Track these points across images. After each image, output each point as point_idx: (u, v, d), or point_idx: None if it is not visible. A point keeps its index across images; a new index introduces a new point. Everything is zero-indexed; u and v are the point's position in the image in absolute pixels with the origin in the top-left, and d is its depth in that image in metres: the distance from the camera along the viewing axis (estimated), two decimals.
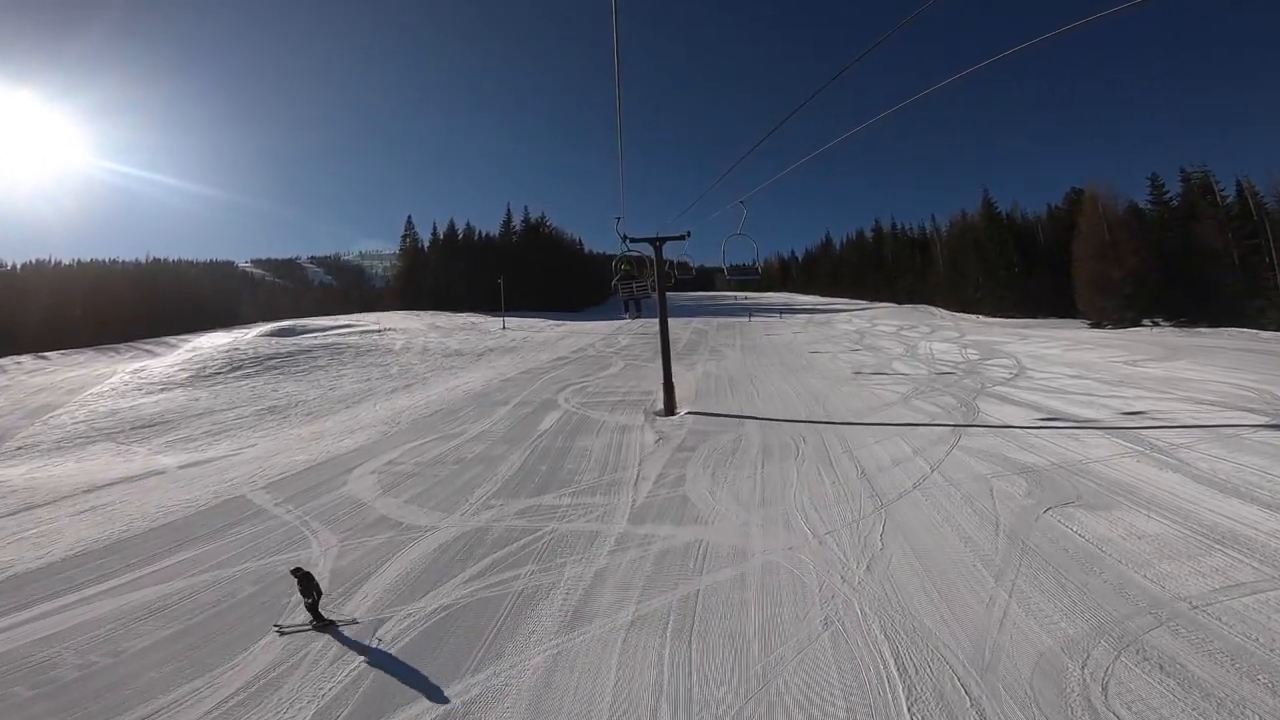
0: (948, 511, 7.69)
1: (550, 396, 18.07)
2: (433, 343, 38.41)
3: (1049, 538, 6.86)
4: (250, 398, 21.64)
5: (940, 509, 7.78)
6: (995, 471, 8.98)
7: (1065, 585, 5.85)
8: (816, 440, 11.32)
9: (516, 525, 8.14)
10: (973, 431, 11.32)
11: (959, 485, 8.52)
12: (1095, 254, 39.61)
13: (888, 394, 15.94)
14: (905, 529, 7.27)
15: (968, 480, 8.69)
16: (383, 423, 15.96)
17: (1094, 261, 39.70)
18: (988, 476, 8.80)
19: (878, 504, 8.04)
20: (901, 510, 7.82)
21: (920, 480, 8.81)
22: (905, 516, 7.63)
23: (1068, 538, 6.83)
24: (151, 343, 52.68)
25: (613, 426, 13.46)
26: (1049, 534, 6.95)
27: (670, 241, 15.91)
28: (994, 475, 8.83)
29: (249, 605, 6.55)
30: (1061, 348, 24.61)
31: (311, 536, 8.37)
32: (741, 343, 36.24)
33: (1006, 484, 8.49)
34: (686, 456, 10.64)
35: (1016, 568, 6.25)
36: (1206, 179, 40.28)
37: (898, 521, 7.48)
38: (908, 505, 7.96)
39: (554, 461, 10.97)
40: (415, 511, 8.97)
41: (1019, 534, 6.98)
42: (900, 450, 10.35)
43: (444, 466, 11.22)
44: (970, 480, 8.69)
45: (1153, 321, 37.66)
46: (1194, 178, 41.43)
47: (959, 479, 8.75)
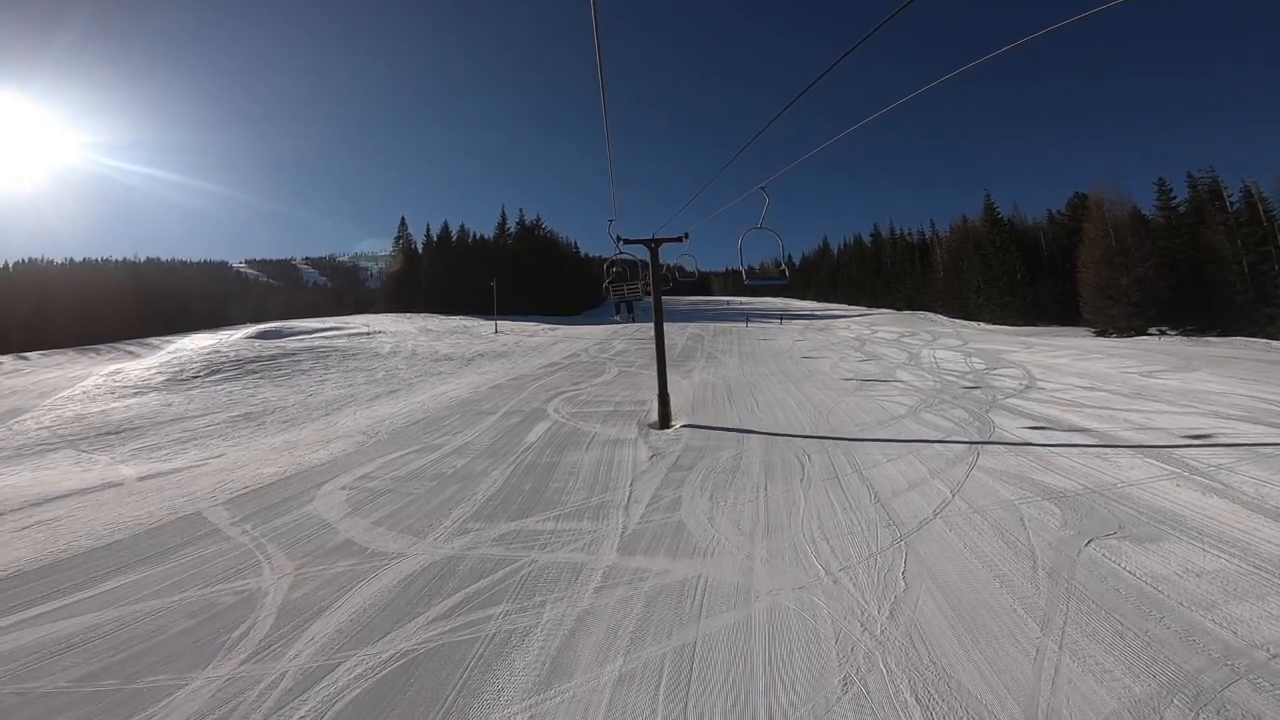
0: (976, 544, 6.91)
1: (539, 405, 17.26)
2: (422, 346, 37.56)
3: (1096, 576, 6.09)
4: (225, 403, 20.78)
5: (967, 541, 7.00)
6: (1023, 496, 8.22)
7: (1123, 633, 5.09)
8: (823, 458, 10.54)
9: (493, 554, 7.33)
10: (991, 449, 10.56)
11: (985, 513, 7.74)
12: (1102, 260, 38.96)
13: (894, 406, 15.18)
14: (930, 565, 6.48)
15: (994, 507, 7.92)
16: (361, 432, 15.12)
17: (1100, 268, 39.03)
18: (1015, 502, 8.03)
19: (896, 535, 7.25)
20: (923, 542, 7.04)
21: (941, 506, 8.03)
22: (928, 550, 6.84)
23: (1117, 575, 6.07)
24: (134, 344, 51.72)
25: (604, 440, 12.64)
26: (1095, 571, 6.18)
27: (667, 243, 15.15)
28: (1022, 501, 8.06)
29: (178, 644, 5.75)
30: (1070, 357, 23.92)
31: (265, 562, 7.56)
32: (739, 349, 35.51)
33: (1038, 511, 7.72)
34: (682, 476, 9.84)
35: (1064, 612, 5.48)
36: (1215, 184, 39.73)
37: (920, 556, 6.70)
38: (930, 536, 7.18)
39: (539, 479, 10.15)
40: (383, 535, 8.15)
41: (1061, 571, 6.21)
42: (915, 471, 9.57)
43: (420, 483, 10.40)
44: (997, 507, 7.91)
45: (1159, 330, 37.07)
46: (1201, 183, 40.91)
47: (984, 505, 7.98)
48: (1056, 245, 54.29)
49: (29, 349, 51.29)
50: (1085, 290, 40.72)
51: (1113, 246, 38.97)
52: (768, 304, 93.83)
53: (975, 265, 58.59)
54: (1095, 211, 42.04)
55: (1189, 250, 38.38)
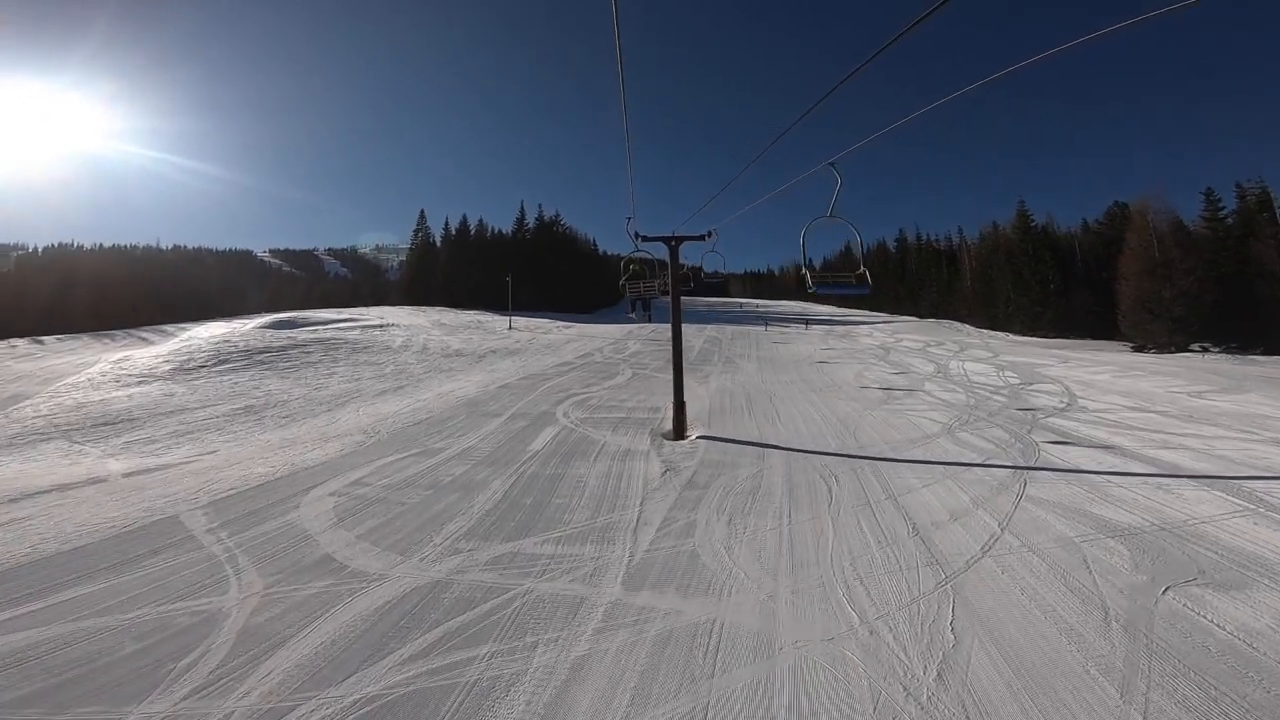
0: (1034, 590, 6.07)
1: (548, 409, 16.54)
2: (434, 341, 37.08)
3: (1179, 630, 5.27)
4: (229, 395, 20.33)
5: (1024, 586, 6.16)
6: (1083, 534, 7.33)
7: (1217, 698, 4.36)
8: (851, 480, 9.69)
9: (484, 581, 6.61)
10: (1039, 477, 9.65)
11: (1042, 552, 6.88)
12: (1144, 272, 37.38)
13: (926, 422, 14.26)
14: (982, 615, 5.65)
15: (1051, 545, 7.05)
16: (361, 431, 14.51)
17: (1142, 280, 37.43)
18: (1075, 540, 7.15)
19: (940, 576, 6.42)
20: (973, 586, 6.20)
21: (990, 543, 7.17)
22: (979, 595, 6.01)
23: (1204, 630, 5.25)
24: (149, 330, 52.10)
25: (614, 451, 11.88)
26: (1178, 625, 5.35)
27: (689, 242, 14.35)
28: (1082, 539, 7.18)
29: (121, 670, 5.14)
30: (1111, 374, 22.76)
31: (234, 578, 6.92)
32: (758, 354, 34.61)
33: (1102, 551, 6.85)
34: (698, 496, 9.04)
35: (1146, 674, 4.69)
36: (1265, 194, 38.05)
37: (970, 603, 5.87)
38: (980, 579, 6.34)
39: (541, 493, 9.41)
40: (366, 552, 7.47)
41: (1138, 624, 5.39)
42: (956, 499, 8.70)
43: (414, 492, 9.72)
44: (1054, 545, 7.04)
45: (1202, 347, 35.53)
46: (1251, 193, 39.24)
47: (1039, 543, 7.11)
48: (1092, 255, 52.63)
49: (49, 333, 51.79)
50: (1124, 303, 39.11)
51: (1155, 258, 37.41)
52: (786, 308, 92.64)
53: (1006, 274, 56.99)
54: (1139, 221, 40.42)
55: (1235, 263, 36.76)
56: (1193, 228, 41.22)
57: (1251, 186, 39.64)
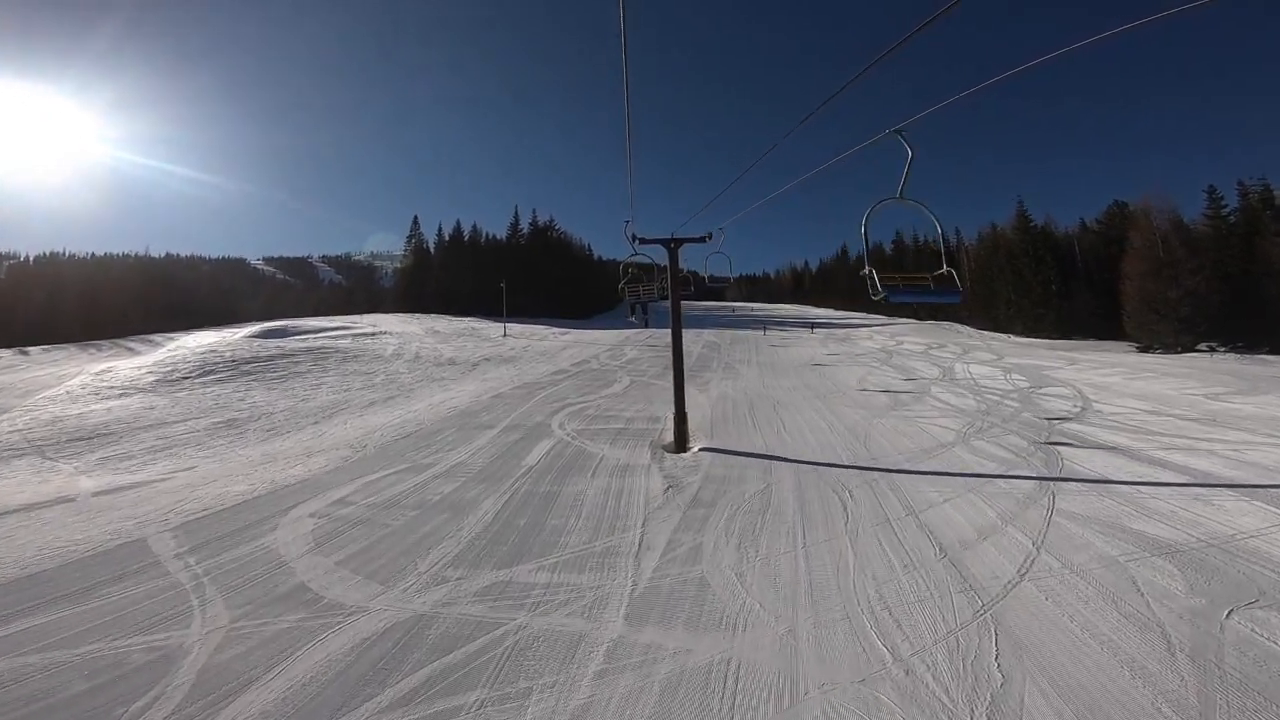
0: (1085, 618, 5.50)
1: (543, 420, 15.92)
2: (426, 349, 36.44)
3: (1252, 659, 4.76)
4: (212, 407, 19.67)
5: (1072, 613, 5.59)
6: (1126, 552, 6.78)
7: None
8: (867, 495, 9.12)
9: (473, 615, 6.01)
10: (1067, 489, 9.10)
11: (1085, 573, 6.32)
12: (1148, 272, 36.99)
13: (938, 430, 13.71)
14: (1030, 648, 5.09)
15: (1093, 565, 6.49)
16: (348, 445, 13.90)
17: (1147, 280, 37.00)
18: (1119, 559, 6.59)
19: (977, 603, 5.85)
20: (1014, 614, 5.63)
21: (1026, 564, 6.60)
22: (1023, 625, 5.44)
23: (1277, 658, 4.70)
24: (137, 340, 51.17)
25: (612, 465, 11.26)
26: (1250, 653, 4.85)
27: (689, 244, 13.79)
28: (1127, 558, 6.63)
29: (65, 713, 4.68)
30: (1122, 376, 22.28)
31: (198, 609, 6.35)
32: (758, 359, 34.10)
33: (1152, 572, 6.29)
34: (704, 515, 8.44)
35: (1225, 712, 4.20)
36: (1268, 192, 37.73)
37: (1014, 634, 5.30)
38: (1021, 606, 5.77)
39: (536, 513, 8.81)
40: (345, 581, 6.88)
41: (1206, 654, 4.87)
42: (982, 514, 8.14)
43: (400, 512, 9.12)
44: (1097, 565, 6.48)
45: (1209, 347, 35.10)
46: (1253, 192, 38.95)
47: (1081, 563, 6.54)
48: (1092, 255, 52.27)
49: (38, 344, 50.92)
50: (1129, 304, 38.65)
51: (1160, 258, 37.00)
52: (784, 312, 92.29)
53: (1006, 275, 56.60)
54: (1142, 221, 40.06)
55: (1240, 262, 36.40)
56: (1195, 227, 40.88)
57: (1254, 185, 39.42)
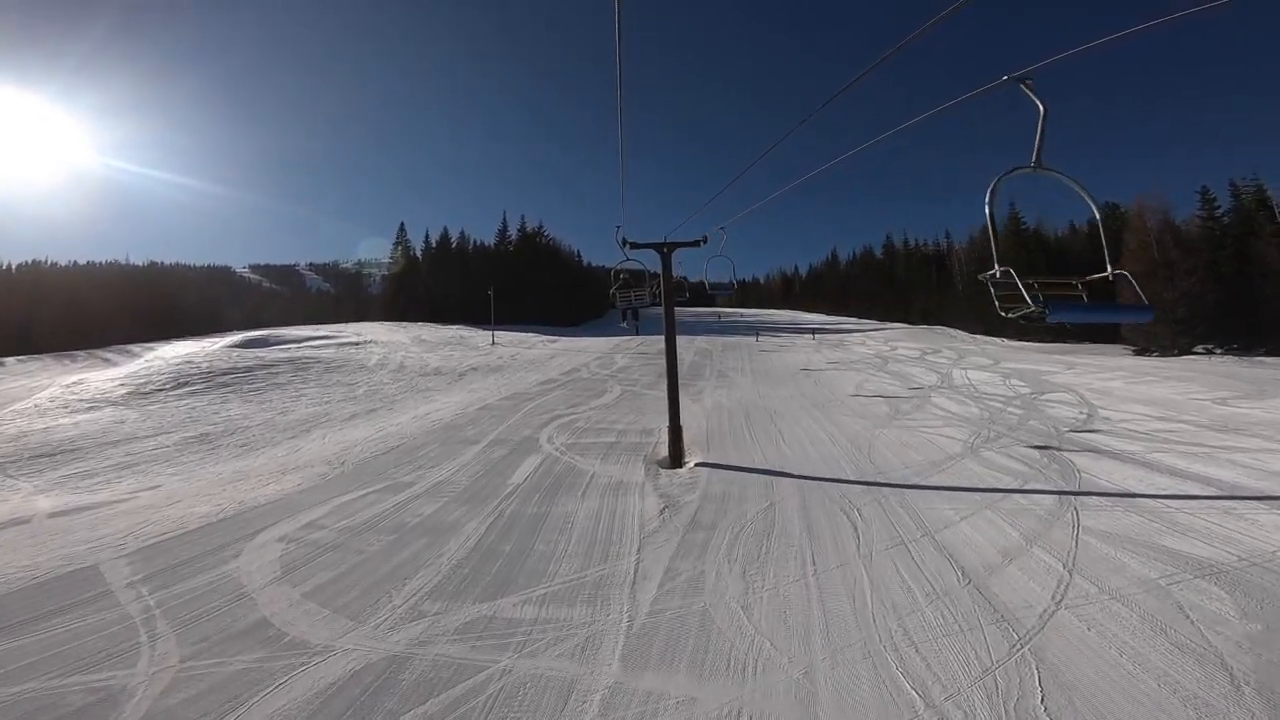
0: (1135, 650, 4.98)
1: (531, 433, 15.30)
2: (412, 358, 35.71)
3: None
4: (184, 421, 18.92)
5: (1120, 645, 5.07)
6: (1166, 574, 6.27)
7: None
8: (878, 513, 8.57)
9: (452, 656, 5.41)
10: (1089, 504, 8.60)
11: (1126, 599, 5.80)
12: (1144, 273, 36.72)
13: (944, 440, 13.22)
14: (1079, 687, 4.55)
15: (1133, 589, 5.97)
16: (325, 462, 13.24)
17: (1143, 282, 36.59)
18: (1160, 583, 6.08)
19: (1012, 637, 5.30)
20: (1056, 648, 5.09)
21: (1060, 590, 6.07)
22: (1068, 661, 4.90)
23: None
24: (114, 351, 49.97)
25: (604, 483, 10.64)
26: None
27: (683, 248, 13.24)
28: (1169, 581, 6.12)
29: None
30: (1123, 380, 21.93)
31: (146, 646, 5.76)
32: (751, 366, 33.58)
33: (1198, 595, 5.79)
34: (704, 539, 7.85)
35: None
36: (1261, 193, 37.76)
37: (1058, 671, 4.76)
38: (1062, 638, 5.23)
39: (522, 538, 8.19)
40: (312, 615, 6.26)
41: (1275, 687, 4.36)
42: (1003, 534, 7.61)
43: (376, 537, 8.49)
44: (1138, 590, 5.96)
45: (1206, 349, 34.94)
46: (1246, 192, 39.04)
47: (1119, 588, 6.03)
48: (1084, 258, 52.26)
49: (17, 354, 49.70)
50: None
51: (1156, 259, 36.88)
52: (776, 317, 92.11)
53: None
54: (1137, 222, 39.99)
55: (1235, 263, 36.34)
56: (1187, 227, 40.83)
57: (1247, 185, 39.51)
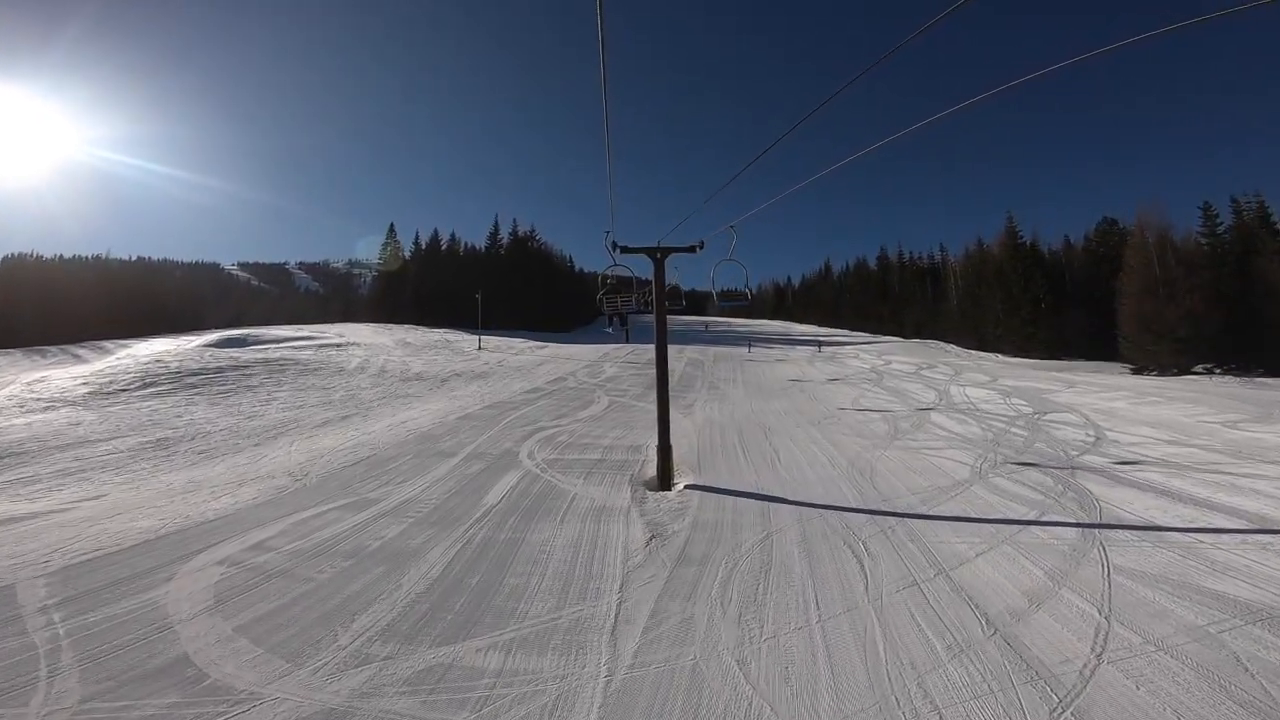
0: (1193, 711, 4.33)
1: (511, 446, 14.50)
2: (394, 362, 34.79)
3: None
4: (144, 424, 17.98)
5: (1176, 705, 4.41)
6: (1214, 620, 5.62)
7: None
8: (885, 547, 7.85)
9: (397, 714, 4.66)
10: (1115, 538, 7.94)
11: (1175, 651, 5.13)
12: (1145, 291, 36.57)
13: (949, 464, 12.56)
14: None
15: (1181, 639, 5.31)
16: (286, 473, 12.41)
17: (1144, 300, 36.56)
18: (1210, 631, 5.43)
19: (1051, 699, 4.59)
20: (1103, 711, 4.41)
21: (1100, 641, 5.38)
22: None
23: None
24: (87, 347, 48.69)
25: (586, 506, 9.83)
26: None
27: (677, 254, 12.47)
28: (1218, 628, 5.47)
29: None
30: (1127, 401, 21.43)
31: (45, 682, 5.05)
32: (743, 378, 32.96)
33: (1253, 644, 5.16)
34: (694, 576, 7.07)
35: None
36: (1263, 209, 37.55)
37: None
38: (1109, 699, 4.54)
39: (492, 569, 7.40)
40: (241, 654, 5.49)
41: None
42: (1026, 573, 6.93)
43: (329, 562, 7.69)
44: (1186, 639, 5.30)
45: (1206, 369, 34.59)
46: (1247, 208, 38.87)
47: (1165, 637, 5.35)
48: (1083, 274, 52.13)
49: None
50: (1125, 324, 38.16)
51: (1157, 276, 36.58)
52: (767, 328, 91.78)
53: (995, 293, 56.20)
54: (1138, 238, 39.73)
55: (1235, 281, 36.05)
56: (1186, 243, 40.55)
57: (1248, 201, 39.34)
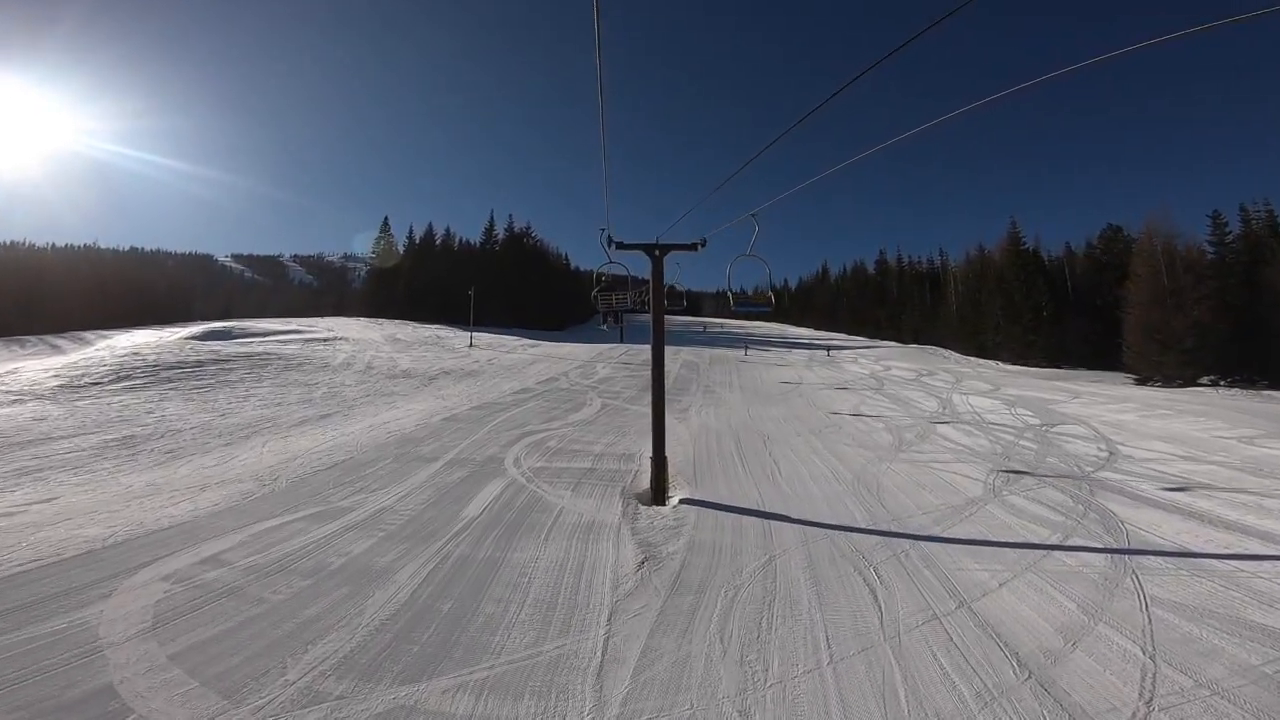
0: None
1: (497, 452, 13.81)
2: (381, 359, 34.09)
3: None
4: (112, 420, 17.24)
5: None
6: (1268, 658, 5.09)
7: None
8: (899, 574, 7.22)
9: None
10: (1148, 565, 7.36)
11: (1233, 696, 4.57)
12: (1152, 301, 36.08)
13: (959, 479, 11.96)
14: None
15: (1238, 682, 4.73)
16: (254, 477, 11.71)
17: (1150, 309, 36.08)
18: (1266, 670, 4.88)
19: None
20: None
21: (1148, 686, 4.78)
22: None
23: None
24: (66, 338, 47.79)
25: (573, 522, 9.13)
26: None
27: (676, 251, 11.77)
28: (1273, 666, 4.90)
29: None
30: (1135, 413, 20.92)
31: None
32: (739, 382, 32.38)
33: None
34: (690, 607, 6.39)
35: None
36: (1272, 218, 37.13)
37: None
38: None
39: (467, 594, 6.72)
40: (173, 686, 4.84)
41: None
42: (1056, 605, 6.32)
43: (286, 581, 7.02)
44: (1243, 682, 4.73)
45: (1212, 380, 34.14)
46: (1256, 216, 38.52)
47: (1219, 680, 4.78)
48: (1086, 281, 51.76)
49: None
50: (1130, 333, 37.69)
51: (1165, 285, 36.11)
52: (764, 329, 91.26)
53: (995, 299, 55.78)
54: (1145, 246, 39.28)
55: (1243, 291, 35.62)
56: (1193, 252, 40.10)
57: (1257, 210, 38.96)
